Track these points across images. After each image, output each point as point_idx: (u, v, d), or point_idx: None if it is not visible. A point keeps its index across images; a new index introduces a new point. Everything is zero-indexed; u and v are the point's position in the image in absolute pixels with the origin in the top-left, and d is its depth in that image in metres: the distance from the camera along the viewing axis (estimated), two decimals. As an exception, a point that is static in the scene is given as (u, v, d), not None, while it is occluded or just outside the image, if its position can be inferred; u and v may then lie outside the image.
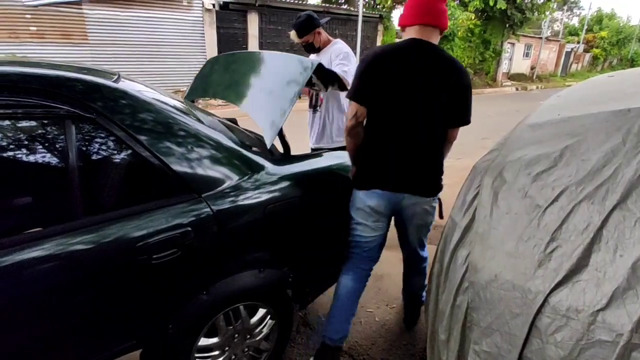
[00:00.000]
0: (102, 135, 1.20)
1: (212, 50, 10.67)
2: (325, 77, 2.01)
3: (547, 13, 17.34)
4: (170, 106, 1.39)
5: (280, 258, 1.58)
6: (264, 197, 1.48)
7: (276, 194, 1.52)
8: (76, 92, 1.16)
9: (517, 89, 18.20)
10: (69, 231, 1.12)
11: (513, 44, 20.00)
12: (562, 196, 1.17)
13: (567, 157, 1.23)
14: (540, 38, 22.23)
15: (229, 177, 1.42)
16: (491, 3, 14.31)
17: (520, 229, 1.23)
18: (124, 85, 1.33)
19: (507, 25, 16.07)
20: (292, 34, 2.44)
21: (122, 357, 1.27)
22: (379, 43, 14.42)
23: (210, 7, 10.68)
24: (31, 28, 8.63)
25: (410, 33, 1.63)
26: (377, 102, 1.60)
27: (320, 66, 1.66)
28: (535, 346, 1.11)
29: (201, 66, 2.41)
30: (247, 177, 1.47)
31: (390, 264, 2.67)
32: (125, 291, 1.22)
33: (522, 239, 1.21)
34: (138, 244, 1.19)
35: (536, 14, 16.49)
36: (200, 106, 2.15)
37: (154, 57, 9.93)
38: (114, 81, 1.32)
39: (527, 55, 22.21)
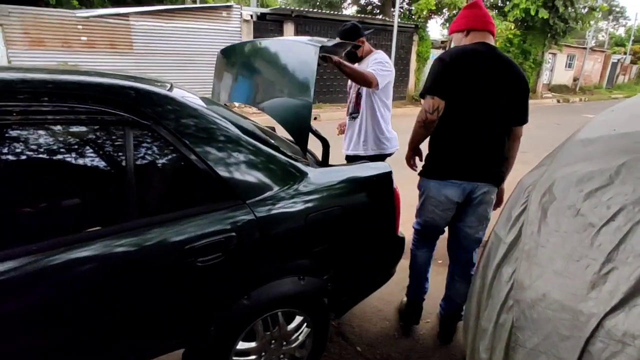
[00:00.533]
0: (157, 141, 1.27)
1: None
2: (333, 50, 2.11)
3: (592, 23, 16.67)
4: (218, 114, 1.45)
5: (320, 266, 1.59)
6: (305, 205, 1.50)
7: (317, 202, 1.54)
8: (134, 100, 1.23)
9: (558, 101, 17.53)
10: (123, 231, 1.18)
11: (554, 55, 19.32)
12: (619, 216, 1.11)
13: (624, 175, 1.18)
14: (584, 48, 21.38)
15: (272, 185, 1.46)
16: (532, 12, 13.94)
17: (570, 248, 1.18)
18: (177, 93, 1.40)
19: (549, 35, 15.55)
20: (337, 40, 2.47)
21: (166, 355, 1.31)
22: (413, 53, 14.33)
23: (248, 18, 11.00)
24: (82, 38, 9.18)
25: (476, 37, 1.85)
26: (456, 98, 1.78)
27: (323, 47, 1.72)
28: (587, 372, 1.06)
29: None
30: (289, 185, 1.50)
31: (425, 278, 2.62)
32: (172, 291, 1.26)
33: (572, 259, 1.17)
34: (186, 246, 1.23)
35: (580, 23, 15.87)
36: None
37: (194, 65, 10.30)
38: (168, 90, 1.39)
39: (569, 66, 21.38)
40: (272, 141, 1.61)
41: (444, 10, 15.47)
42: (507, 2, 15.29)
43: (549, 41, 16.10)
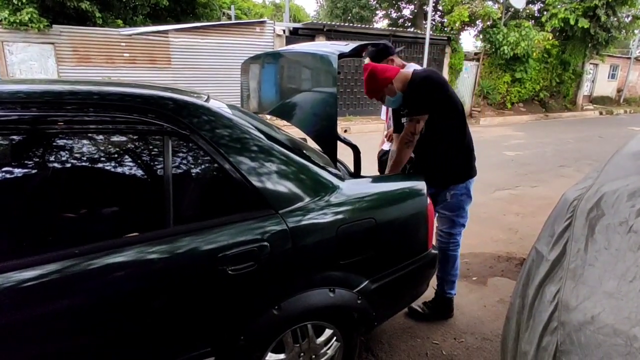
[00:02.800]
0: (194, 151, 1.30)
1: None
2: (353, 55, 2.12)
3: (637, 32, 15.88)
4: (254, 126, 1.47)
5: (351, 279, 1.56)
6: (336, 216, 1.49)
7: (348, 214, 1.52)
8: (173, 110, 1.27)
9: (600, 113, 16.73)
10: (159, 238, 1.20)
11: (596, 65, 18.50)
12: (677, 233, 1.03)
13: (682, 190, 1.09)
14: (629, 58, 20.37)
15: (304, 196, 1.45)
16: (572, 22, 13.46)
17: (623, 267, 1.10)
18: (214, 105, 1.43)
19: (590, 45, 14.93)
20: (367, 60, 2.48)
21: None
22: (445, 65, 14.13)
23: (281, 32, 11.26)
24: (125, 54, 9.68)
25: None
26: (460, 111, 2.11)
27: (342, 54, 1.70)
28: (642, 403, 0.97)
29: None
30: (320, 196, 1.49)
31: (458, 295, 2.52)
32: (203, 299, 1.27)
33: (625, 279, 1.08)
34: (219, 254, 1.24)
35: (624, 32, 15.16)
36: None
37: (229, 79, 10.60)
38: (205, 101, 1.42)
39: (612, 77, 20.38)
40: (304, 152, 1.61)
41: (477, 22, 15.23)
42: (545, 12, 14.86)
43: (589, 51, 15.43)
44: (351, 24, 13.18)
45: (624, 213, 1.17)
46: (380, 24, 23.08)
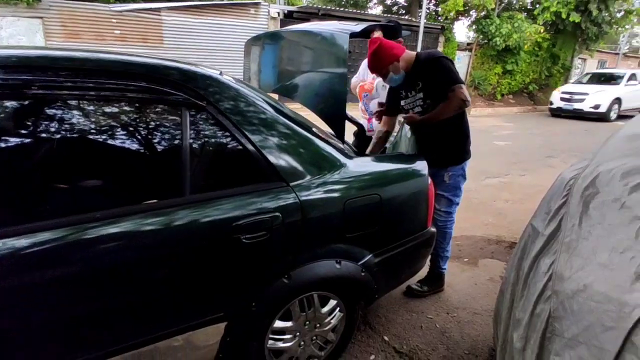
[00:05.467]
0: (210, 122, 1.33)
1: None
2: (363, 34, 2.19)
3: (627, 27, 16.11)
4: (266, 101, 1.50)
5: (355, 252, 1.63)
6: (344, 191, 1.55)
7: (355, 189, 1.58)
8: (192, 82, 1.30)
9: (587, 107, 17.03)
10: (176, 206, 1.24)
11: (585, 60, 18.77)
12: (667, 208, 1.11)
13: (672, 169, 1.18)
14: (617, 54, 20.70)
15: (314, 170, 1.50)
16: (563, 16, 13.57)
17: (615, 240, 1.18)
18: (228, 79, 1.46)
19: (580, 40, 15.12)
20: (378, 34, 2.48)
21: (209, 327, 1.37)
22: (439, 54, 14.17)
23: (275, 15, 11.11)
24: (116, 31, 9.46)
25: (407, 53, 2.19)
26: None
27: (352, 34, 1.77)
28: (628, 362, 1.06)
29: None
30: (329, 172, 1.54)
31: (450, 274, 2.63)
32: (218, 265, 1.32)
33: (617, 250, 1.17)
34: (234, 223, 1.29)
35: (615, 27, 15.37)
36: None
37: (222, 60, 10.46)
38: (219, 74, 1.45)
39: (600, 71, 20.74)
40: (313, 129, 1.66)
41: (471, 12, 15.25)
42: (537, 5, 14.93)
43: (579, 45, 15.64)
44: (346, 9, 13.07)
45: (617, 191, 1.25)
46: (374, 10, 22.90)
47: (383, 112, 2.43)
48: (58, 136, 1.14)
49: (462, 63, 14.87)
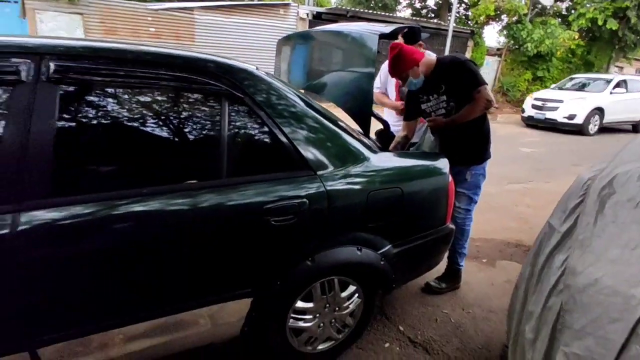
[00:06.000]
0: (246, 112, 1.46)
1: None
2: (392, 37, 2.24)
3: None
4: (296, 95, 1.62)
5: (376, 241, 1.72)
6: (368, 183, 1.64)
7: (378, 182, 1.68)
8: (232, 75, 1.43)
9: (620, 117, 16.46)
10: (213, 187, 1.37)
11: (621, 68, 18.15)
12: (679, 208, 1.16)
13: (687, 172, 1.22)
14: (655, 63, 19.89)
15: (341, 162, 1.61)
16: (600, 22, 13.19)
17: (627, 238, 1.23)
18: (263, 73, 1.58)
19: (617, 47, 14.64)
20: (399, 39, 2.57)
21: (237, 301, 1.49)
22: (467, 59, 14.02)
23: (304, 16, 11.29)
24: (150, 29, 9.85)
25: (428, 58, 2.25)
26: None
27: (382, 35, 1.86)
28: (633, 352, 1.11)
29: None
30: (354, 164, 1.64)
31: (468, 273, 2.68)
32: (249, 244, 1.44)
33: (628, 247, 1.22)
34: (265, 206, 1.41)
35: (655, 35, 14.81)
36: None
37: (250, 59, 10.71)
38: (256, 69, 1.57)
39: (637, 81, 19.97)
40: (341, 124, 1.76)
41: (502, 17, 15.01)
42: (573, 11, 14.57)
43: (616, 53, 15.16)
44: (374, 12, 13.13)
45: (633, 191, 1.30)
46: (403, 13, 22.82)
47: (403, 116, 2.50)
48: (121, 119, 1.29)
49: (490, 68, 14.67)
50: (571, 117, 9.59)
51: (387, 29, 1.82)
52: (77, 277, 1.20)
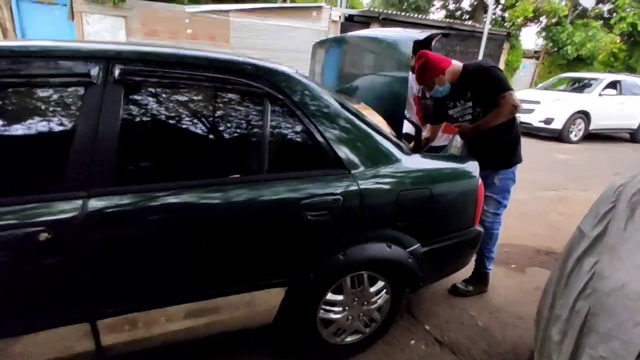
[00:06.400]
0: (286, 112, 1.56)
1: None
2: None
3: None
4: (332, 97, 1.71)
5: (405, 240, 1.79)
6: (399, 183, 1.72)
7: (408, 182, 1.75)
8: (275, 78, 1.54)
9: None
10: (255, 181, 1.49)
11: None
12: None
13: None
14: None
15: (372, 162, 1.69)
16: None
17: (655, 244, 1.25)
18: (301, 76, 1.68)
19: (661, 52, 13.95)
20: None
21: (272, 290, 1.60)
22: (502, 62, 13.72)
23: (337, 19, 11.41)
24: (188, 31, 10.24)
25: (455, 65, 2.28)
26: None
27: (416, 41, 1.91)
28: (658, 356, 1.14)
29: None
30: (386, 165, 1.72)
31: (495, 278, 2.68)
32: (287, 236, 1.55)
33: (656, 254, 1.24)
34: (302, 201, 1.51)
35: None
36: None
37: (283, 61, 10.90)
38: (295, 72, 1.68)
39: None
40: (374, 125, 1.84)
41: (540, 18, 14.58)
42: (614, 14, 13.98)
43: (660, 58, 14.43)
44: (407, 14, 13.07)
45: (663, 199, 1.31)
46: (437, 15, 22.56)
47: (429, 120, 2.55)
48: (176, 118, 1.44)
49: (527, 71, 14.31)
50: (548, 121, 8.32)
51: (422, 35, 1.88)
52: (136, 257, 1.34)
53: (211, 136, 1.52)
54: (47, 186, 1.24)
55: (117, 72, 1.31)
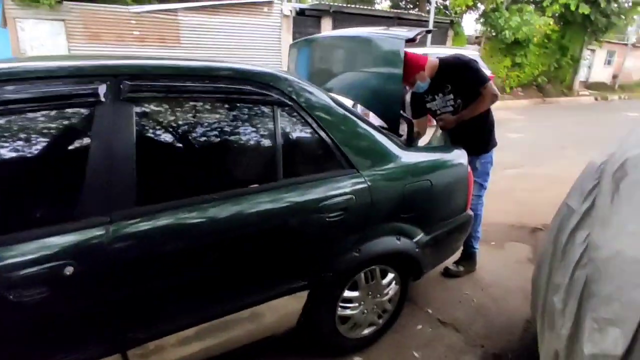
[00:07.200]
0: (296, 119, 1.58)
1: (287, 54, 11.32)
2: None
3: (635, 17, 16.13)
4: (334, 101, 1.75)
5: (410, 230, 1.87)
6: (403, 177, 1.80)
7: (412, 176, 1.84)
8: (283, 84, 1.55)
9: (596, 99, 17.11)
10: (273, 189, 1.50)
11: (593, 51, 18.80)
12: (687, 186, 1.34)
13: (690, 153, 1.41)
14: (626, 45, 20.66)
15: (377, 160, 1.76)
16: (572, 8, 13.66)
17: (642, 213, 1.42)
18: (307, 83, 1.70)
19: (589, 31, 15.18)
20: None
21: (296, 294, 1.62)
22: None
23: (288, 13, 11.33)
24: (135, 32, 9.74)
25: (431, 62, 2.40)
26: None
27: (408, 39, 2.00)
28: (656, 311, 1.30)
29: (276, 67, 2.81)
30: (389, 161, 1.79)
31: (480, 256, 2.86)
32: (307, 241, 1.58)
33: (644, 222, 1.40)
34: (320, 204, 1.54)
35: (623, 19, 15.39)
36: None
37: (237, 59, 10.72)
38: (301, 79, 1.70)
39: (609, 62, 20.75)
40: (375, 125, 1.90)
41: (479, 5, 15.32)
42: (546, -2, 15.01)
43: (588, 37, 15.72)
44: (355, 6, 13.26)
45: (644, 172, 1.48)
46: (381, 5, 22.99)
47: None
48: (189, 132, 1.41)
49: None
50: None
51: (411, 33, 1.96)
52: (166, 276, 1.31)
53: (227, 147, 1.51)
54: (67, 215, 1.18)
55: (126, 88, 1.26)
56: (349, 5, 13.53)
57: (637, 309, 1.34)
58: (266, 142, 1.54)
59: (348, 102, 2.04)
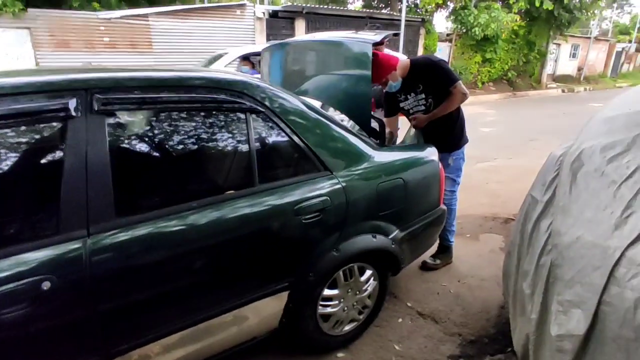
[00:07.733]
0: (269, 125, 1.62)
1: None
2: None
3: (597, 12, 16.81)
4: (306, 105, 1.79)
5: (386, 228, 1.94)
6: (377, 177, 1.86)
7: (385, 175, 1.90)
8: (255, 92, 1.58)
9: (563, 91, 17.74)
10: (250, 195, 1.53)
11: (559, 45, 19.48)
12: (636, 173, 1.45)
13: (639, 143, 1.52)
14: (589, 38, 21.50)
15: (350, 161, 1.81)
16: (537, 4, 14.11)
17: (597, 201, 1.52)
18: (278, 89, 1.74)
19: (554, 26, 15.74)
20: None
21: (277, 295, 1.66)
22: (420, 47, 14.57)
23: (261, 15, 11.30)
24: (105, 39, 9.52)
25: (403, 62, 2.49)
26: None
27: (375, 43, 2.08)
28: (613, 292, 1.39)
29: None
30: (362, 161, 1.85)
31: (456, 248, 2.96)
32: (285, 243, 1.61)
33: (599, 208, 1.50)
34: (296, 206, 1.58)
35: (585, 13, 16.02)
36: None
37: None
38: (270, 85, 1.73)
39: (574, 56, 21.52)
40: (347, 126, 1.95)
41: (449, 3, 15.67)
42: (512, -6, 15.48)
43: (553, 32, 16.29)
44: (327, 6, 13.38)
45: (597, 162, 1.59)
46: (354, 5, 23.20)
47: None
48: (164, 142, 1.42)
49: (443, 54, 15.29)
50: None
51: (377, 37, 2.03)
52: (145, 286, 1.33)
53: (203, 156, 1.53)
54: (44, 230, 1.18)
55: (97, 101, 1.27)
56: (321, 6, 13.61)
57: (596, 291, 1.44)
58: (241, 149, 1.57)
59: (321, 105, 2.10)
